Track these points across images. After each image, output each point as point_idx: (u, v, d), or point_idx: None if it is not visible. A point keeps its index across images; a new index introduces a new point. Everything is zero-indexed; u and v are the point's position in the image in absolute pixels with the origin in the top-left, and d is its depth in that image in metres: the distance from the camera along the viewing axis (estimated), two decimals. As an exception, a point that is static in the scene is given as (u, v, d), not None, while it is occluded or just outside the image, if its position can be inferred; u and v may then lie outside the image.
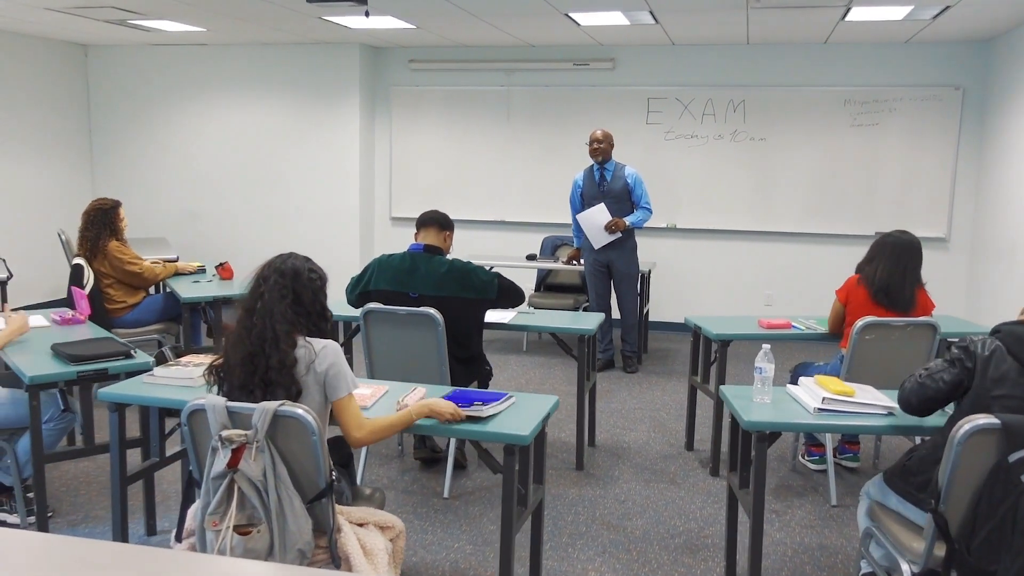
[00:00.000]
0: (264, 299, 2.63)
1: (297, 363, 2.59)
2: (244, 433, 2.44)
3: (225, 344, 2.70)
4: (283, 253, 2.79)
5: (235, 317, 2.71)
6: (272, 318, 2.61)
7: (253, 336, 2.60)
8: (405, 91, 8.42)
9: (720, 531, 3.85)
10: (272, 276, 2.67)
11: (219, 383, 2.69)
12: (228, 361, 2.65)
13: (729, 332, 4.47)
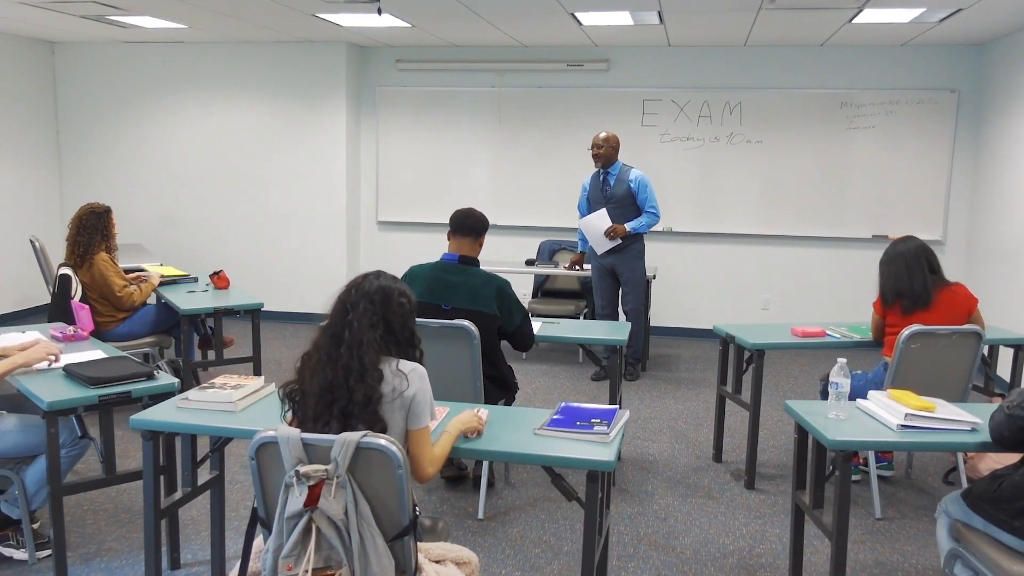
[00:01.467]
0: (353, 328, 2.41)
1: (383, 398, 2.39)
2: (324, 468, 2.23)
3: (300, 367, 2.48)
4: (369, 273, 2.55)
5: (314, 339, 2.48)
6: (360, 349, 2.39)
7: (339, 367, 2.38)
8: (392, 91, 8.18)
9: (772, 549, 3.73)
10: (361, 303, 2.44)
11: (293, 409, 2.48)
12: (304, 388, 2.43)
13: (764, 341, 4.34)
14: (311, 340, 2.51)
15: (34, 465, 3.41)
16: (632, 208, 6.27)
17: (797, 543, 3.32)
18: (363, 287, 2.49)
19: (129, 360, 3.56)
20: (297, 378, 2.48)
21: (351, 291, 2.49)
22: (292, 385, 2.49)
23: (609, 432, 2.76)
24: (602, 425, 2.80)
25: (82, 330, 4.09)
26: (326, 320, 2.50)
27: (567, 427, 2.81)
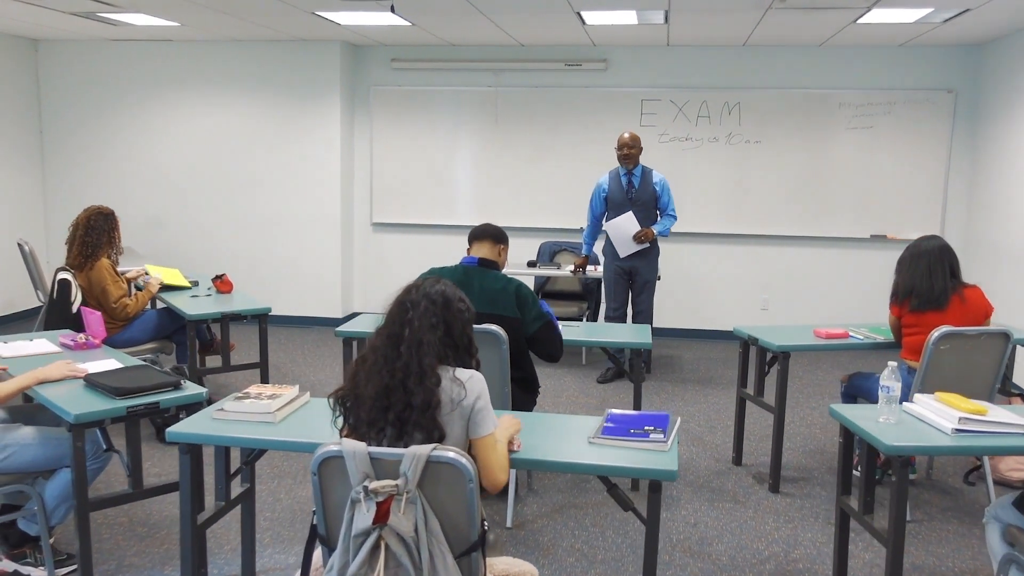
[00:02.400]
0: (413, 327, 2.32)
1: (441, 403, 2.30)
2: (394, 484, 2.14)
3: (353, 372, 2.38)
4: (430, 277, 2.48)
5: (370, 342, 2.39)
6: (420, 350, 2.30)
7: (397, 368, 2.29)
8: (387, 91, 8.06)
9: (807, 554, 3.69)
10: (422, 302, 2.36)
11: (345, 415, 2.38)
12: (358, 392, 2.34)
13: (790, 343, 4.31)
14: (367, 344, 2.42)
15: (54, 479, 3.27)
16: (654, 210, 6.25)
17: (842, 549, 3.28)
18: (423, 288, 2.41)
19: (152, 369, 3.44)
20: (350, 383, 2.39)
21: (411, 291, 2.41)
22: (344, 390, 2.40)
23: (667, 440, 2.69)
24: (658, 433, 2.74)
25: (93, 337, 3.94)
26: (382, 323, 2.41)
27: (621, 435, 2.74)
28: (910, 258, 4.18)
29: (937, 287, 4.06)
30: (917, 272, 4.10)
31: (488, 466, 2.38)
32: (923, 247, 4.18)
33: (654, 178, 6.20)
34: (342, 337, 4.47)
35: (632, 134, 6.19)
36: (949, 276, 4.12)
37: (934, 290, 4.06)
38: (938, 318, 4.01)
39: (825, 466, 4.76)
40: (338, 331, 4.47)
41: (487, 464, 2.38)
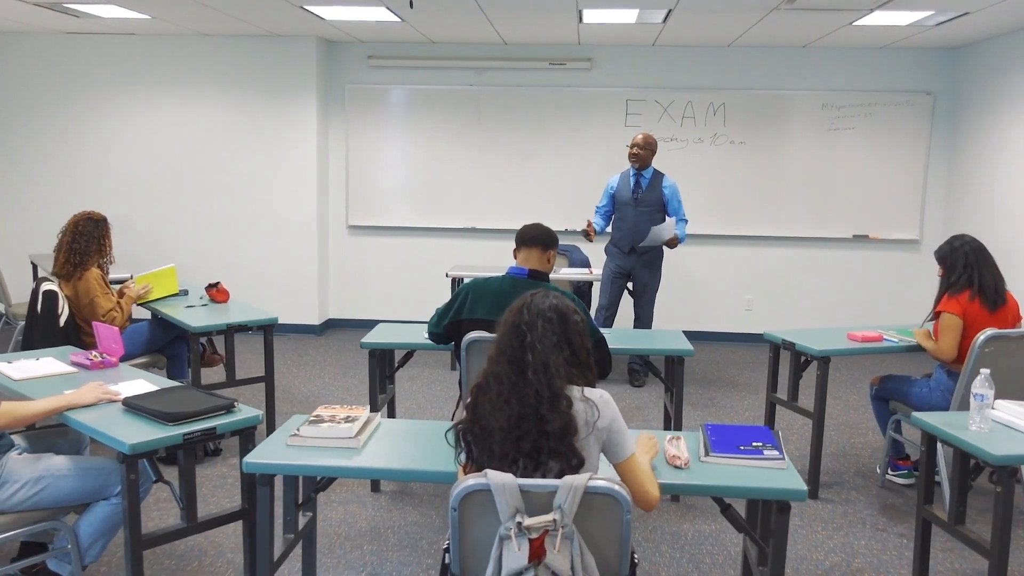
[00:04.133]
0: (536, 350, 2.14)
1: (578, 428, 2.13)
2: (551, 519, 1.97)
3: (473, 403, 2.19)
4: (535, 291, 2.28)
5: (486, 370, 2.20)
6: (548, 373, 2.13)
7: (526, 395, 2.11)
8: (363, 89, 7.78)
9: (870, 563, 3.63)
10: (538, 321, 2.18)
11: (467, 451, 2.19)
12: (483, 424, 2.15)
13: (829, 348, 4.26)
14: (482, 372, 2.23)
15: (89, 514, 2.98)
16: (660, 214, 6.15)
17: (924, 558, 3.22)
18: (534, 306, 2.22)
19: (192, 390, 3.17)
20: (470, 415, 2.20)
21: (523, 311, 2.21)
22: (466, 423, 2.21)
23: (784, 456, 2.58)
24: (771, 449, 2.62)
25: (110, 355, 3.62)
26: (496, 348, 2.22)
27: (731, 452, 2.62)
28: (977, 251, 4.09)
29: (1000, 287, 4.06)
30: (990, 267, 4.05)
31: (639, 485, 2.24)
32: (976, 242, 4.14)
33: (664, 183, 6.11)
34: (368, 348, 4.24)
35: (646, 135, 6.08)
36: None
37: (999, 289, 4.06)
38: (991, 320, 4.01)
39: (854, 469, 4.74)
40: (364, 342, 4.24)
41: (638, 484, 2.24)
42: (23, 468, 2.87)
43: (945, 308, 4.12)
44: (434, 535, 3.82)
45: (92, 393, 3.05)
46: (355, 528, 3.88)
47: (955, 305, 4.08)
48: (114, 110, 7.68)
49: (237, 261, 7.74)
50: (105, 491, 2.96)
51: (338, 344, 7.55)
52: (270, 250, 7.76)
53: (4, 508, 2.83)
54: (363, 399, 5.89)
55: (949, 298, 4.12)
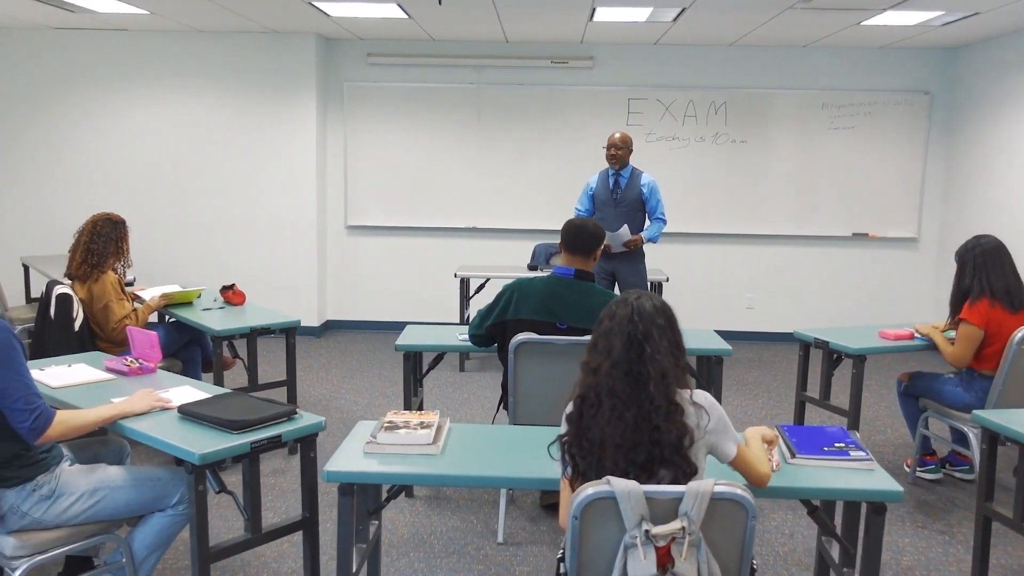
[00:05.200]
0: (655, 362, 2.08)
1: (694, 439, 2.09)
2: (679, 526, 1.92)
3: (577, 414, 2.13)
4: (628, 295, 2.21)
5: (590, 382, 2.14)
6: (666, 382, 2.08)
7: (644, 407, 2.06)
8: (361, 87, 7.66)
9: (919, 561, 3.65)
10: (652, 331, 2.11)
11: (572, 464, 2.14)
12: (591, 438, 2.10)
13: (864, 346, 4.27)
14: (585, 384, 2.16)
15: (144, 526, 2.87)
16: (640, 213, 6.08)
17: (984, 557, 3.23)
18: (645, 313, 2.14)
19: (246, 396, 3.06)
20: (574, 428, 2.15)
21: (634, 319, 2.13)
22: (570, 435, 2.15)
23: (871, 457, 2.56)
24: (857, 450, 2.60)
25: (147, 361, 3.50)
26: (605, 359, 2.14)
27: (816, 453, 2.59)
28: (988, 254, 4.11)
29: (1014, 287, 4.08)
30: (1006, 269, 4.07)
31: (752, 469, 2.26)
32: (992, 243, 4.17)
33: (642, 180, 6.04)
34: (402, 351, 4.16)
35: (623, 135, 6.00)
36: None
37: (1011, 290, 4.07)
38: (1016, 320, 4.03)
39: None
40: (398, 344, 4.15)
41: (751, 469, 2.26)
42: (78, 480, 2.75)
43: (967, 317, 4.09)
44: (479, 540, 3.76)
45: (144, 401, 2.94)
46: (397, 535, 3.79)
47: (977, 315, 4.06)
48: (107, 108, 7.48)
49: (234, 262, 7.58)
50: (161, 502, 2.85)
51: (339, 346, 7.43)
52: (268, 251, 7.61)
53: (59, 522, 2.71)
54: (376, 401, 5.80)
55: (971, 305, 4.11)
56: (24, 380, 2.56)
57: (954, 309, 4.25)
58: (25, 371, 2.57)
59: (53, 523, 2.70)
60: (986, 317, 4.05)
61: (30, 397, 2.55)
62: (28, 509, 2.66)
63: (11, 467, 2.62)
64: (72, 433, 2.71)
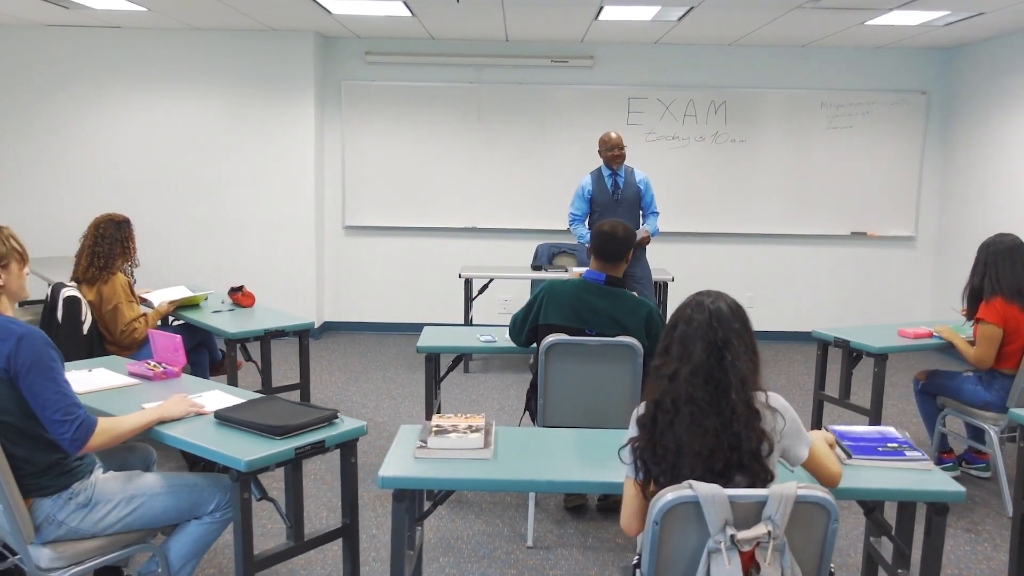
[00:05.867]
0: (736, 368, 2.04)
1: (773, 445, 2.06)
2: (765, 531, 1.88)
3: (651, 420, 2.09)
4: (700, 295, 2.16)
5: (665, 387, 2.09)
6: (745, 388, 2.04)
7: (725, 414, 2.02)
8: (359, 86, 7.58)
9: (949, 559, 3.64)
10: (731, 336, 2.07)
11: (644, 469, 2.10)
12: (665, 445, 2.06)
13: (886, 345, 4.27)
14: (659, 389, 2.11)
15: (180, 534, 2.79)
16: (638, 209, 6.09)
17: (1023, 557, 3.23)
18: (721, 315, 2.10)
19: (281, 401, 2.99)
20: (647, 434, 2.10)
21: (713, 324, 2.08)
22: (643, 441, 2.11)
23: (927, 457, 2.54)
24: (911, 450, 2.58)
25: (172, 366, 3.42)
26: (681, 363, 2.09)
27: (871, 455, 2.57)
28: (1000, 253, 4.13)
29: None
30: (1017, 268, 4.08)
31: (825, 470, 2.25)
32: (1008, 243, 4.19)
33: (636, 176, 6.04)
34: (424, 353, 4.10)
35: (618, 135, 5.97)
36: None
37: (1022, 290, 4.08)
38: None
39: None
40: (420, 346, 4.09)
41: (823, 469, 2.25)
42: (114, 487, 2.67)
43: (985, 316, 4.11)
44: (507, 544, 3.71)
45: (180, 406, 2.86)
46: (429, 540, 3.73)
47: (993, 314, 4.08)
48: (100, 108, 7.34)
49: (230, 262, 7.46)
50: (198, 509, 2.78)
51: (338, 347, 7.35)
52: (265, 251, 7.50)
53: (96, 531, 2.62)
54: (384, 403, 5.73)
55: (986, 304, 4.13)
56: (63, 390, 2.48)
57: (970, 306, 4.27)
58: (63, 380, 2.49)
59: (90, 532, 2.62)
60: (1003, 315, 4.07)
61: (69, 407, 2.47)
62: (65, 518, 2.57)
63: (47, 475, 2.54)
64: (114, 442, 2.63)
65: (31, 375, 2.42)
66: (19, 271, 2.60)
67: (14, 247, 2.59)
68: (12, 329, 2.44)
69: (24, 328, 2.46)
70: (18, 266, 2.59)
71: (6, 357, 2.41)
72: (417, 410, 5.57)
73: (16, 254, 2.59)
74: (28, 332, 2.45)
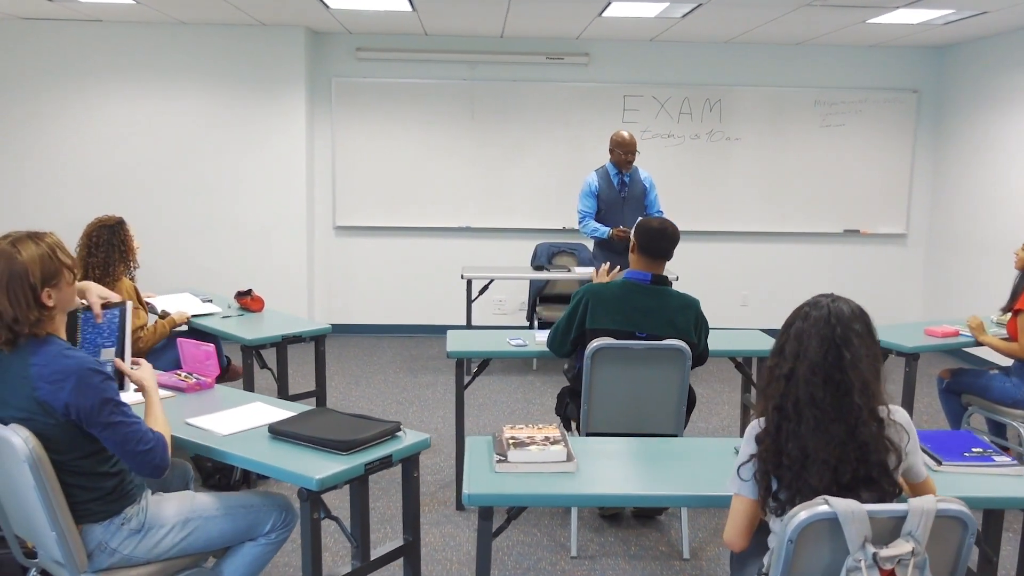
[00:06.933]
0: (858, 370, 1.96)
1: (901, 457, 1.99)
2: (910, 548, 1.81)
3: (776, 429, 2.00)
4: (819, 298, 2.08)
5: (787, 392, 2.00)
6: (869, 392, 1.97)
7: (851, 420, 1.94)
8: (350, 83, 7.39)
9: (995, 560, 3.62)
10: (845, 332, 1.98)
11: (765, 486, 2.00)
12: (791, 455, 1.97)
13: (919, 345, 4.25)
14: (778, 393, 2.03)
15: (235, 557, 2.64)
16: (643, 207, 6.04)
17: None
18: (840, 314, 2.02)
19: (332, 413, 2.84)
20: (772, 443, 2.01)
21: (831, 321, 2.01)
22: (765, 452, 2.02)
23: (1016, 462, 2.49)
24: (999, 455, 2.53)
25: (205, 376, 3.24)
26: (797, 361, 2.02)
27: (959, 460, 2.52)
28: None
29: None
30: None
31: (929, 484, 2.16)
32: None
33: (641, 175, 6.03)
34: (455, 358, 3.97)
35: (631, 135, 5.93)
36: None
37: None
38: None
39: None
40: (450, 351, 3.96)
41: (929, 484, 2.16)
42: (167, 510, 2.50)
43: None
44: (551, 555, 3.60)
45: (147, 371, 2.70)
46: (463, 552, 3.61)
47: None
48: (82, 104, 7.04)
49: (217, 265, 7.23)
50: (253, 531, 2.63)
51: (333, 351, 7.12)
52: (254, 253, 7.28)
53: (149, 557, 2.46)
54: (392, 408, 5.58)
55: None
56: (130, 418, 2.31)
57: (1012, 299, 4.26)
58: (126, 406, 2.32)
59: (143, 559, 2.45)
60: None
61: (144, 434, 2.32)
62: (117, 545, 2.40)
63: (99, 501, 2.37)
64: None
65: (101, 416, 2.23)
66: (70, 287, 2.38)
67: (63, 261, 2.34)
68: (65, 368, 2.22)
69: (74, 363, 2.23)
70: (69, 282, 2.36)
71: (64, 404, 2.21)
72: (427, 415, 5.44)
73: (67, 269, 2.34)
74: (80, 370, 2.23)
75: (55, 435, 2.24)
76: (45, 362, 2.23)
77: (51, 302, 2.28)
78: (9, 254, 2.23)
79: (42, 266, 2.26)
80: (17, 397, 2.23)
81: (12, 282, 2.21)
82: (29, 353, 2.24)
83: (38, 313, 2.25)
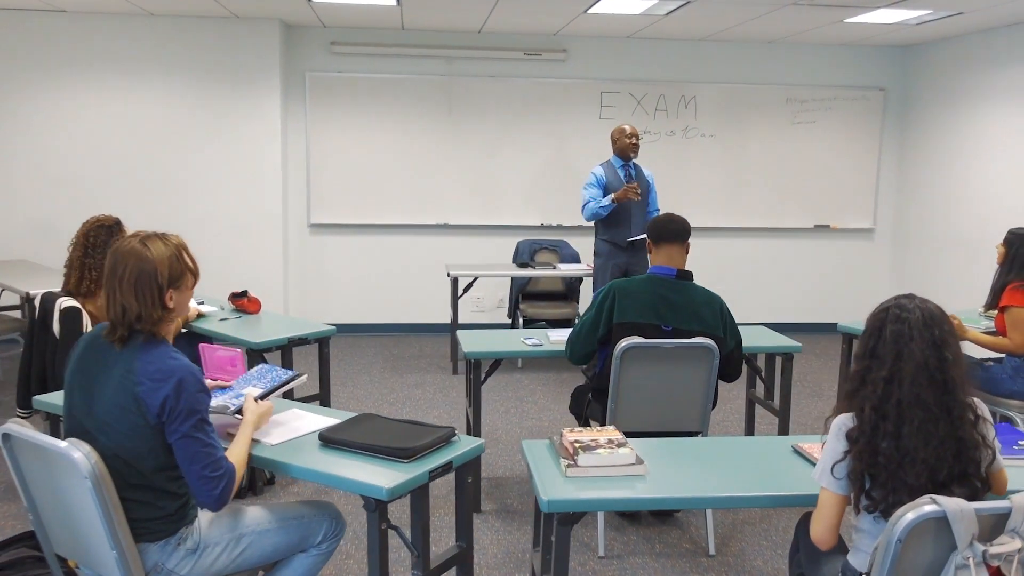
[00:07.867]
0: (960, 367, 2.00)
1: (995, 452, 2.03)
2: (1019, 545, 1.83)
3: (872, 429, 2.01)
4: (900, 298, 2.11)
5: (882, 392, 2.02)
6: (966, 391, 2.01)
7: (954, 418, 1.97)
8: (324, 78, 7.25)
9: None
10: (942, 332, 2.02)
11: (858, 484, 2.02)
12: (888, 455, 1.99)
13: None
14: (876, 394, 2.04)
15: (286, 570, 2.56)
16: (646, 201, 6.07)
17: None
18: (931, 314, 2.06)
19: (380, 418, 2.77)
20: (868, 443, 2.02)
21: (928, 321, 2.03)
22: (860, 453, 2.03)
23: (1065, 454, 2.56)
24: (1046, 447, 2.60)
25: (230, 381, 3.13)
26: (900, 363, 2.02)
27: (1008, 454, 2.57)
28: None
29: None
30: None
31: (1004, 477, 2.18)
32: None
33: (645, 172, 6.09)
34: (472, 358, 3.92)
35: (633, 126, 5.98)
36: None
37: None
38: None
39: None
40: (467, 352, 3.91)
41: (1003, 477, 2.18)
42: (219, 527, 2.41)
43: (1011, 302, 4.18)
44: (578, 555, 3.58)
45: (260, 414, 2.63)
46: (492, 556, 3.57)
47: (1021, 298, 4.17)
48: (45, 98, 6.75)
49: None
50: (305, 543, 2.55)
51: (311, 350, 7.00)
52: (227, 251, 7.07)
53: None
54: (385, 409, 5.49)
55: (1012, 291, 4.23)
56: (212, 441, 2.24)
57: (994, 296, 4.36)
58: (211, 429, 2.24)
59: (198, 578, 2.36)
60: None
61: (219, 461, 2.24)
62: (174, 566, 2.31)
63: (161, 520, 2.27)
64: None
65: (184, 425, 2.16)
66: (189, 292, 2.34)
67: (188, 265, 2.31)
68: (170, 367, 2.17)
69: (180, 365, 2.19)
70: (190, 286, 2.33)
71: (161, 403, 2.14)
72: (423, 415, 5.36)
73: (190, 272, 2.31)
74: (185, 373, 2.18)
75: (139, 437, 2.17)
76: (152, 359, 2.19)
77: (172, 304, 2.27)
78: (139, 253, 2.22)
79: (170, 266, 2.25)
80: (116, 392, 2.18)
81: (141, 280, 2.21)
82: (138, 350, 2.21)
83: (160, 313, 2.24)
